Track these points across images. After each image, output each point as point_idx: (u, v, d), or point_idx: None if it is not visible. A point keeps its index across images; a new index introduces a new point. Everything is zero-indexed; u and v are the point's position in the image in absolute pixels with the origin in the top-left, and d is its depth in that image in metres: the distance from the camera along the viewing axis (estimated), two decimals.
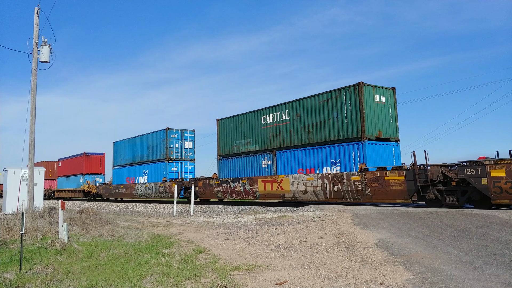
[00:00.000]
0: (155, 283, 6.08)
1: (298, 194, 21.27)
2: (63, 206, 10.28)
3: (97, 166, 47.29)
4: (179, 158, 32.96)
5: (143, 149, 35.38)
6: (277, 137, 23.42)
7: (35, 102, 15.13)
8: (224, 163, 27.07)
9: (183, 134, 33.44)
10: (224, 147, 27.48)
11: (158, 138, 33.21)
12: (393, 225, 11.17)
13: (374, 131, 19.37)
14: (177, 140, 32.93)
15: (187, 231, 12.65)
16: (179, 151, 32.98)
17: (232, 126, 27.00)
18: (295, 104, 22.53)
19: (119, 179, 38.89)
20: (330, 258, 7.35)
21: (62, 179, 51.57)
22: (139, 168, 35.59)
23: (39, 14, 15.52)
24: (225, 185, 26.16)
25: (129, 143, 38.09)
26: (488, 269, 5.91)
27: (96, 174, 46.93)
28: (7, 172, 19.54)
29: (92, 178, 46.08)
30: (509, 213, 12.82)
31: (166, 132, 32.48)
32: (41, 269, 7.21)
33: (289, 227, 12.14)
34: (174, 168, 32.42)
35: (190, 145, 33.76)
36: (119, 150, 39.98)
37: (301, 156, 21.66)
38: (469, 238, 8.50)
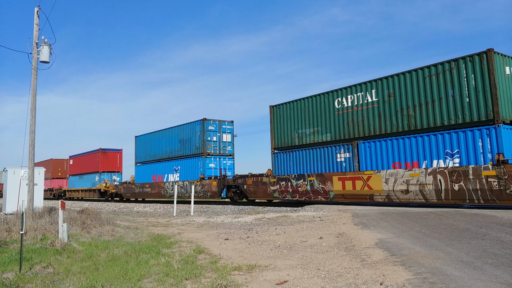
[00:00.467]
0: (155, 283, 6.08)
1: (396, 195, 17.03)
2: (63, 206, 10.29)
3: (114, 164, 43.17)
4: (217, 153, 29.24)
5: (174, 143, 31.68)
6: (359, 123, 19.15)
7: (35, 102, 15.14)
8: (281, 158, 22.77)
9: (221, 125, 29.61)
10: (280, 138, 23.23)
11: (193, 130, 29.60)
12: (393, 225, 11.17)
13: (508, 112, 15.14)
14: (214, 132, 29.20)
15: (187, 231, 12.65)
16: (217, 145, 29.27)
17: (292, 113, 22.63)
18: (387, 81, 18.15)
19: (143, 177, 34.72)
20: (330, 258, 7.35)
21: (74, 177, 47.75)
22: (168, 164, 31.77)
23: (39, 14, 15.53)
24: (284, 183, 21.98)
25: (156, 137, 34.20)
26: (488, 269, 5.91)
27: (113, 172, 42.76)
28: (7, 172, 19.54)
29: (109, 176, 42.03)
30: (509, 213, 12.82)
31: (202, 123, 28.61)
32: (41, 269, 7.22)
33: (289, 227, 12.15)
34: (212, 164, 28.70)
35: (228, 138, 29.95)
36: (143, 145, 35.88)
37: (397, 146, 17.36)
38: (469, 238, 8.50)
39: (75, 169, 47.72)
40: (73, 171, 48.26)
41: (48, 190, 51.27)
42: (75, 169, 47.72)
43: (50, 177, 51.71)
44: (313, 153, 21.08)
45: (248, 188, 24.45)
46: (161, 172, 32.61)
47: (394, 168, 17.36)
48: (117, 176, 42.86)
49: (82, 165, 45.76)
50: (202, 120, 28.78)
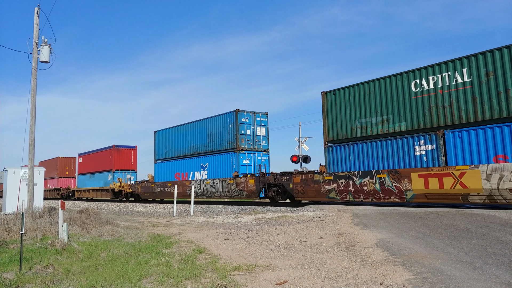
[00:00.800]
0: (155, 283, 6.08)
1: (501, 194, 13.97)
2: (63, 206, 10.29)
3: (128, 161, 39.92)
4: (251, 148, 26.01)
5: (201, 137, 28.75)
6: (445, 109, 16.02)
7: (35, 102, 15.14)
8: (337, 152, 19.55)
9: (254, 117, 26.41)
10: (336, 129, 19.86)
11: (224, 123, 26.60)
12: (393, 225, 11.17)
13: None
14: (248, 125, 26.05)
15: (187, 231, 12.64)
16: (251, 139, 26.09)
17: (352, 100, 19.33)
18: (484, 58, 15.14)
19: (165, 175, 31.81)
20: (330, 258, 7.35)
21: (84, 176, 44.64)
22: (194, 161, 28.93)
23: (39, 14, 15.53)
24: (343, 181, 18.77)
25: (179, 132, 31.11)
26: (488, 269, 5.91)
27: (127, 171, 39.57)
28: (7, 172, 19.54)
29: (123, 175, 38.89)
30: (509, 213, 12.82)
31: (235, 114, 25.45)
32: (41, 269, 7.22)
33: (289, 227, 12.14)
34: (246, 160, 25.50)
35: (263, 132, 26.74)
36: (164, 140, 32.78)
37: (500, 136, 14.33)
38: (469, 238, 8.50)
39: (85, 167, 44.83)
40: (83, 169, 45.42)
41: (55, 190, 49.58)
42: (85, 168, 44.82)
43: (57, 176, 49.83)
44: (381, 145, 17.77)
45: (295, 187, 21.22)
46: (186, 169, 29.68)
47: (496, 162, 14.28)
48: (131, 174, 39.76)
49: (93, 163, 42.80)
50: (234, 112, 25.52)
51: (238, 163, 25.17)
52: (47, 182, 52.37)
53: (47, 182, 52.44)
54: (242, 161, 25.45)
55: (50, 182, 51.71)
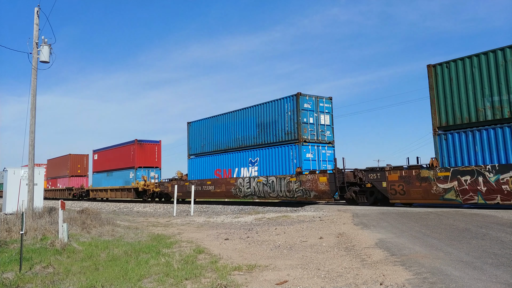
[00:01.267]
0: (155, 283, 6.08)
1: None
2: (63, 206, 10.29)
3: (151, 158, 36.02)
4: (315, 140, 21.69)
5: (249, 128, 24.58)
6: None
7: (35, 102, 15.13)
8: (456, 140, 15.53)
9: (317, 103, 22.20)
10: (452, 111, 15.74)
11: (280, 110, 22.48)
12: (393, 225, 11.17)
13: None
14: (311, 112, 21.80)
15: (187, 231, 12.65)
16: (314, 129, 21.81)
17: (477, 72, 15.13)
18: None
19: (201, 173, 28.04)
20: (330, 258, 7.35)
21: (100, 175, 40.98)
22: (240, 155, 24.92)
23: (39, 14, 15.53)
24: (468, 179, 14.81)
25: (220, 122, 27.12)
26: (488, 269, 5.91)
27: (151, 168, 35.81)
28: (7, 172, 19.55)
29: (146, 172, 35.18)
30: (509, 213, 12.82)
31: (296, 99, 21.38)
32: (41, 269, 7.22)
33: (289, 227, 12.15)
34: (309, 154, 21.22)
35: (327, 120, 22.52)
36: (200, 132, 28.87)
37: None
38: (469, 238, 8.50)
39: (101, 165, 41.00)
40: (99, 167, 41.60)
41: (66, 189, 46.57)
42: (101, 165, 40.99)
43: (68, 175, 46.94)
44: None
45: (391, 186, 17.12)
46: (229, 165, 25.67)
47: None
48: (155, 172, 35.79)
49: (111, 160, 38.88)
50: (295, 96, 21.50)
51: (301, 157, 20.85)
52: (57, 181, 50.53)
53: (56, 181, 50.75)
54: (305, 155, 21.07)
55: (61, 181, 49.52)
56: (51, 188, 52.20)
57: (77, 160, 47.01)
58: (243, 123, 25.20)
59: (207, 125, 28.60)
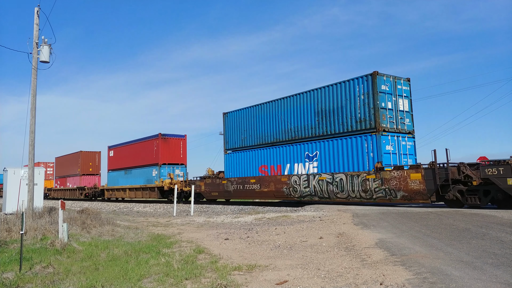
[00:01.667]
0: (155, 283, 6.08)
1: None
2: (63, 206, 10.29)
3: (176, 154, 32.77)
4: (394, 129, 18.28)
5: (305, 116, 21.21)
6: None
7: (35, 102, 15.13)
8: None
9: (395, 85, 18.79)
10: None
11: (348, 93, 19.07)
12: (393, 225, 11.17)
13: None
14: (389, 95, 18.45)
15: (187, 231, 12.65)
16: (393, 116, 18.41)
17: None
18: None
19: (241, 169, 24.79)
20: (330, 258, 7.35)
21: (117, 173, 37.81)
22: (293, 149, 21.60)
23: (39, 14, 15.53)
24: None
25: (266, 111, 23.62)
26: (488, 269, 5.91)
27: (176, 165, 32.55)
28: (7, 172, 19.55)
29: (171, 170, 32.11)
30: (509, 213, 12.82)
31: (372, 80, 18.02)
32: (41, 269, 7.22)
33: (289, 227, 12.15)
34: (389, 146, 17.86)
35: (405, 106, 19.12)
36: (239, 124, 25.51)
37: None
38: (469, 238, 8.50)
39: (118, 162, 37.79)
40: (115, 164, 38.40)
41: (77, 189, 43.87)
42: (118, 163, 37.78)
43: (79, 174, 44.25)
44: None
45: None
46: (279, 161, 22.27)
47: None
48: (180, 169, 32.54)
49: (130, 156, 35.75)
50: (371, 76, 18.14)
51: (380, 150, 17.47)
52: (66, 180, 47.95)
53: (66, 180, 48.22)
54: (385, 147, 17.67)
55: (71, 180, 46.81)
56: (60, 188, 49.84)
57: (89, 157, 44.18)
58: (297, 112, 21.61)
59: (248, 115, 24.88)
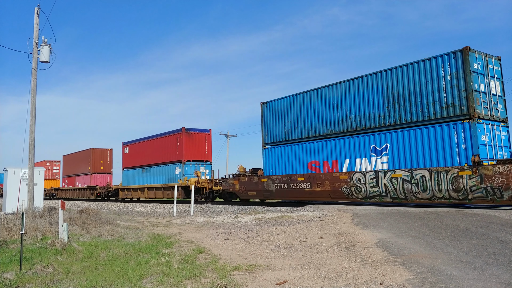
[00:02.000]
0: (155, 283, 6.08)
1: None
2: (63, 206, 10.29)
3: (201, 150, 30.02)
4: (488, 116, 15.68)
5: (370, 103, 18.19)
6: None
7: (35, 102, 15.13)
8: None
9: (486, 63, 16.10)
10: None
11: (430, 74, 16.36)
12: (393, 225, 11.17)
13: None
14: (481, 76, 15.79)
15: (187, 231, 12.65)
16: (486, 100, 15.76)
17: None
18: None
19: (284, 166, 21.83)
20: (330, 258, 7.35)
21: (133, 171, 35.20)
22: (354, 142, 18.69)
23: (39, 14, 15.52)
24: None
25: (315, 99, 20.67)
26: (488, 269, 5.91)
27: (200, 162, 29.82)
28: (7, 172, 19.55)
29: (196, 167, 29.37)
30: (509, 213, 12.82)
31: (463, 57, 15.37)
32: (41, 269, 7.21)
33: (289, 227, 12.14)
34: (484, 136, 15.20)
35: (497, 89, 16.40)
36: (281, 115, 22.58)
37: None
38: (469, 238, 8.50)
39: (134, 159, 35.22)
40: (131, 162, 35.75)
41: (88, 188, 41.51)
42: (134, 160, 35.20)
43: (90, 172, 42.04)
44: None
45: None
46: (334, 155, 19.28)
47: None
48: (205, 167, 29.86)
49: (149, 153, 33.15)
50: (461, 52, 15.44)
51: (476, 141, 14.85)
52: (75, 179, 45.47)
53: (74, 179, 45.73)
54: (480, 137, 14.98)
55: (80, 179, 44.45)
56: (69, 188, 47.39)
57: (100, 155, 41.67)
58: (359, 98, 18.62)
59: (294, 104, 21.88)
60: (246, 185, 24.04)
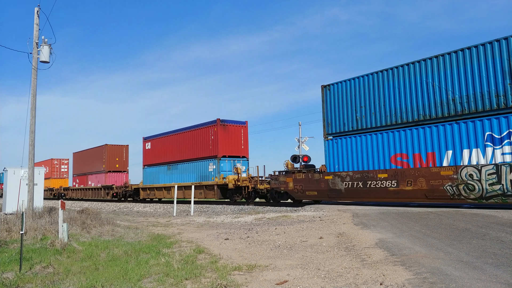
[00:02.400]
0: (155, 283, 6.08)
1: None
2: (63, 206, 10.29)
3: (237, 144, 26.89)
4: None
5: (483, 80, 14.62)
6: None
7: (35, 102, 15.13)
8: None
9: None
10: None
11: None
12: (393, 225, 11.17)
13: None
14: None
15: (187, 231, 12.65)
16: None
17: None
18: None
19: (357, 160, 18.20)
20: (330, 258, 7.35)
21: (156, 169, 32.00)
22: (460, 129, 15.10)
23: (39, 14, 15.52)
24: None
25: (399, 77, 17.15)
26: (488, 269, 5.91)
27: (237, 158, 26.69)
28: (7, 172, 19.55)
29: (231, 163, 26.43)
30: (509, 213, 12.81)
31: None
32: (41, 269, 7.21)
33: (289, 227, 12.14)
34: None
35: None
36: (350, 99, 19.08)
37: None
38: (469, 238, 8.50)
39: (158, 156, 32.03)
40: (153, 159, 32.58)
41: (103, 188, 38.33)
42: (158, 156, 32.02)
43: (104, 170, 38.65)
44: None
45: None
46: (431, 147, 15.70)
47: None
48: (241, 163, 26.83)
49: (176, 149, 29.96)
50: None
51: None
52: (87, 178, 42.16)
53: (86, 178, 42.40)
54: None
55: (93, 178, 41.07)
56: (80, 187, 43.93)
57: (115, 152, 38.25)
58: (465, 74, 15.11)
59: (368, 85, 18.33)
60: (304, 184, 20.34)
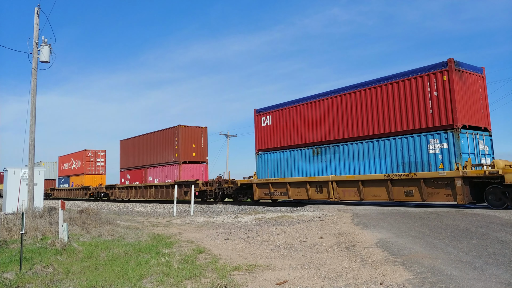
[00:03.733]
0: (155, 283, 6.08)
1: None
2: (63, 206, 10.29)
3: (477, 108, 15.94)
4: None
5: None
6: None
7: (35, 102, 15.13)
8: None
9: None
10: None
11: None
12: (393, 225, 11.16)
13: None
14: None
15: (187, 231, 12.64)
16: None
17: None
18: None
19: None
20: (330, 258, 7.35)
21: (286, 154, 22.19)
22: None
23: (39, 14, 15.52)
24: None
25: None
26: (488, 269, 5.91)
27: (479, 130, 15.78)
28: (7, 172, 19.54)
29: (473, 138, 15.41)
30: (509, 213, 12.81)
31: None
32: (41, 269, 7.21)
33: (289, 227, 12.14)
34: None
35: None
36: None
37: None
38: (469, 238, 8.50)
39: (288, 135, 22.16)
40: (277, 140, 22.80)
41: (184, 184, 28.10)
42: (287, 136, 22.20)
43: (179, 162, 29.51)
44: None
45: None
46: None
47: None
48: (485, 139, 16.27)
49: (331, 119, 19.68)
50: None
51: None
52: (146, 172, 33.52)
53: (145, 172, 33.73)
54: None
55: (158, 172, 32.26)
56: (134, 184, 34.33)
57: (191, 136, 29.11)
58: None
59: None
60: None
